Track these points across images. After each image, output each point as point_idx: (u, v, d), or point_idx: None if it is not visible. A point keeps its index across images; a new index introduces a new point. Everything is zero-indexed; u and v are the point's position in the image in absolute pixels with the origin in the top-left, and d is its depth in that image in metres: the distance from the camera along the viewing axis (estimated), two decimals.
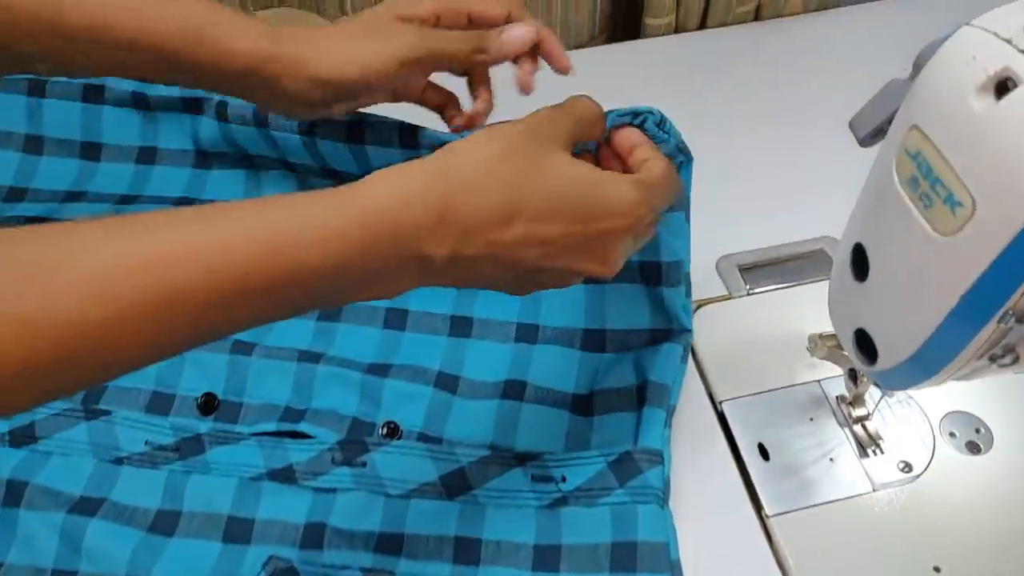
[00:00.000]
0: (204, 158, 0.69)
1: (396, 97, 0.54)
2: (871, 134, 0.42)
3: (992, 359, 0.39)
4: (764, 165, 0.73)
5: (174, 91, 0.69)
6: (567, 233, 0.40)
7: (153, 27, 0.46)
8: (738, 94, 0.79)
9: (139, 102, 0.70)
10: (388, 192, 0.37)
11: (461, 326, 0.62)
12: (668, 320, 0.59)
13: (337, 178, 0.63)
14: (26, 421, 0.57)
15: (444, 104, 0.56)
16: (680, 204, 0.55)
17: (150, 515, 0.53)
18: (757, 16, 0.85)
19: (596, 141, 0.47)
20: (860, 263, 0.43)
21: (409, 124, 0.58)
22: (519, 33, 0.52)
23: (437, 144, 0.56)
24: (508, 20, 0.53)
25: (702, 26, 0.84)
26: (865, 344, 0.44)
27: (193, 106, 0.68)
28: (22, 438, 0.56)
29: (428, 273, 0.39)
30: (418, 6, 0.51)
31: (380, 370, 0.60)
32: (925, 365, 0.41)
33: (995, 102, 0.33)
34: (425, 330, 0.62)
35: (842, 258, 0.45)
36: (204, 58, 0.47)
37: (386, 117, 0.58)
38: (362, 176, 0.38)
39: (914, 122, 0.37)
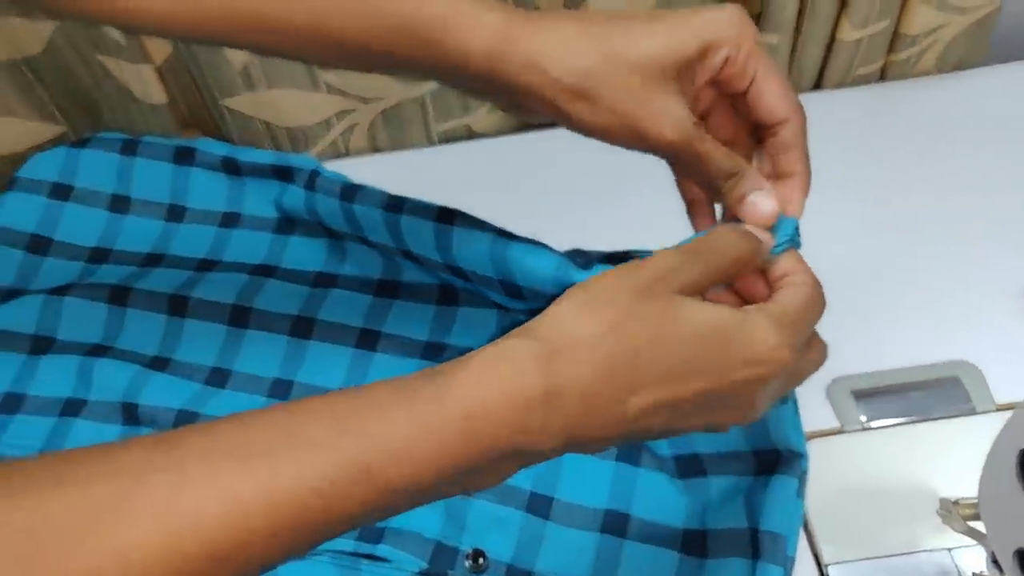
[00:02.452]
0: (287, 224, 0.67)
1: None
2: None
3: None
4: (888, 263, 0.62)
5: (267, 157, 0.67)
6: (698, 392, 0.35)
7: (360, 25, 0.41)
8: (857, 170, 0.68)
9: (229, 167, 0.68)
10: (487, 398, 0.33)
11: None
12: (769, 440, 0.51)
13: (415, 260, 0.59)
14: None
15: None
16: None
17: None
18: (883, 77, 0.74)
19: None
20: None
21: (500, 229, 0.55)
22: (765, 210, 0.41)
23: (531, 251, 0.53)
24: (777, 127, 0.41)
25: (817, 86, 0.74)
26: None
27: (284, 174, 0.66)
28: None
29: (536, 461, 0.35)
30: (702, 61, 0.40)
31: None
32: None
33: None
34: None
35: (1004, 454, 0.35)
36: (429, 62, 0.41)
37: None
38: (444, 264, 0.34)
39: None
